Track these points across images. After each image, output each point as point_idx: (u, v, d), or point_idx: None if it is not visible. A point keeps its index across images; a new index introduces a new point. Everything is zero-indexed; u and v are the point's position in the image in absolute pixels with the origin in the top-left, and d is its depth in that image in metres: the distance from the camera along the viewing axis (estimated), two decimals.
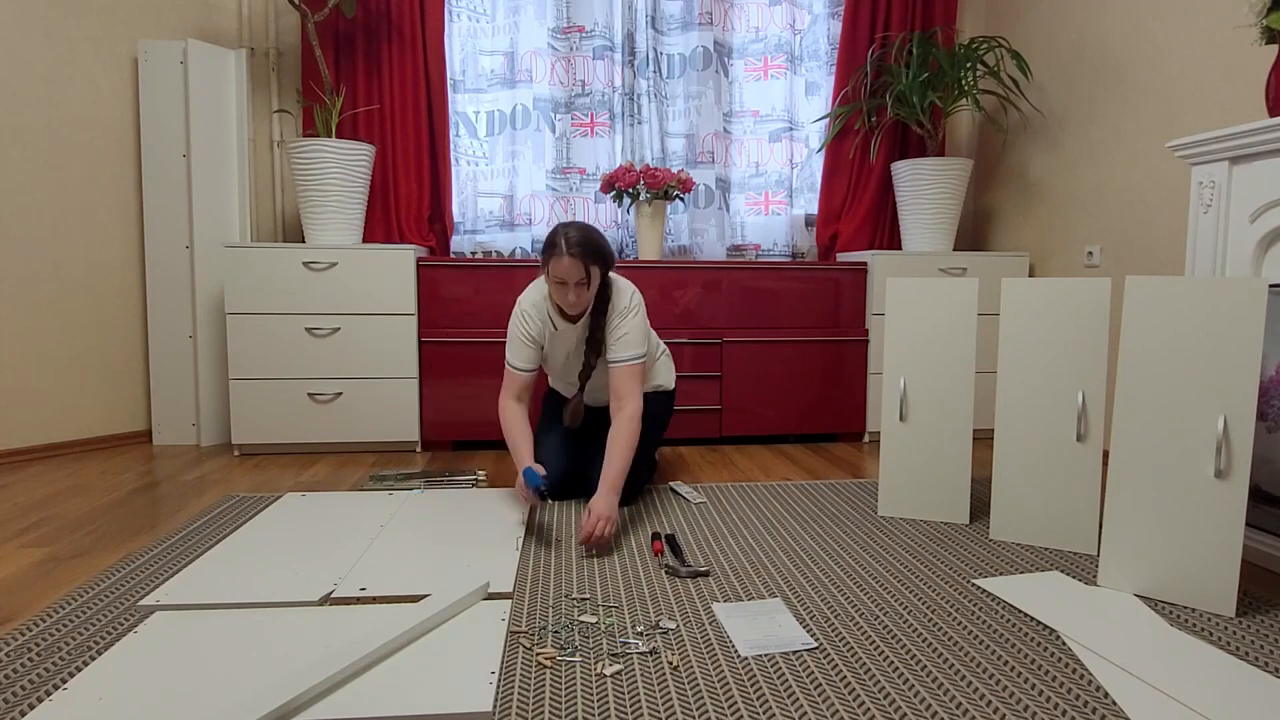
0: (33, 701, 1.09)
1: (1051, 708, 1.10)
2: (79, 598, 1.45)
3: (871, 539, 1.82)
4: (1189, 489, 1.43)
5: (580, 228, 1.87)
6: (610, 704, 1.10)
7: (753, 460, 2.66)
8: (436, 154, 3.04)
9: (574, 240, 1.83)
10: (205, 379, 2.84)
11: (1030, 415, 1.76)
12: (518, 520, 1.90)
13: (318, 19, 2.72)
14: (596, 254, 1.85)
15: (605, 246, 1.89)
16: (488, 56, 3.11)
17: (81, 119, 2.68)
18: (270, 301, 2.61)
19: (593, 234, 1.87)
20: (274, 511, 1.96)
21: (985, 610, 1.43)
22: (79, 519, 1.96)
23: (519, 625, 1.34)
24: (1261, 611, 1.43)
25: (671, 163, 3.22)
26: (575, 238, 1.83)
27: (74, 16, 2.65)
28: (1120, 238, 2.56)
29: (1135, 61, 2.49)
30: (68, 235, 2.67)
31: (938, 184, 2.94)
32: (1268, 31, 1.70)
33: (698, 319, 2.85)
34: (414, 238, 3.00)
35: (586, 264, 1.83)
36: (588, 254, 1.83)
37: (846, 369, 2.94)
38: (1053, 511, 1.76)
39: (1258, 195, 1.66)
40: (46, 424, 2.66)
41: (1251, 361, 1.37)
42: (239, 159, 2.91)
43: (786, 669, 1.20)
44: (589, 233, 1.86)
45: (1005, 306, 1.78)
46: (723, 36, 3.19)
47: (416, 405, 2.71)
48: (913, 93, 2.94)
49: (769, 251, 3.28)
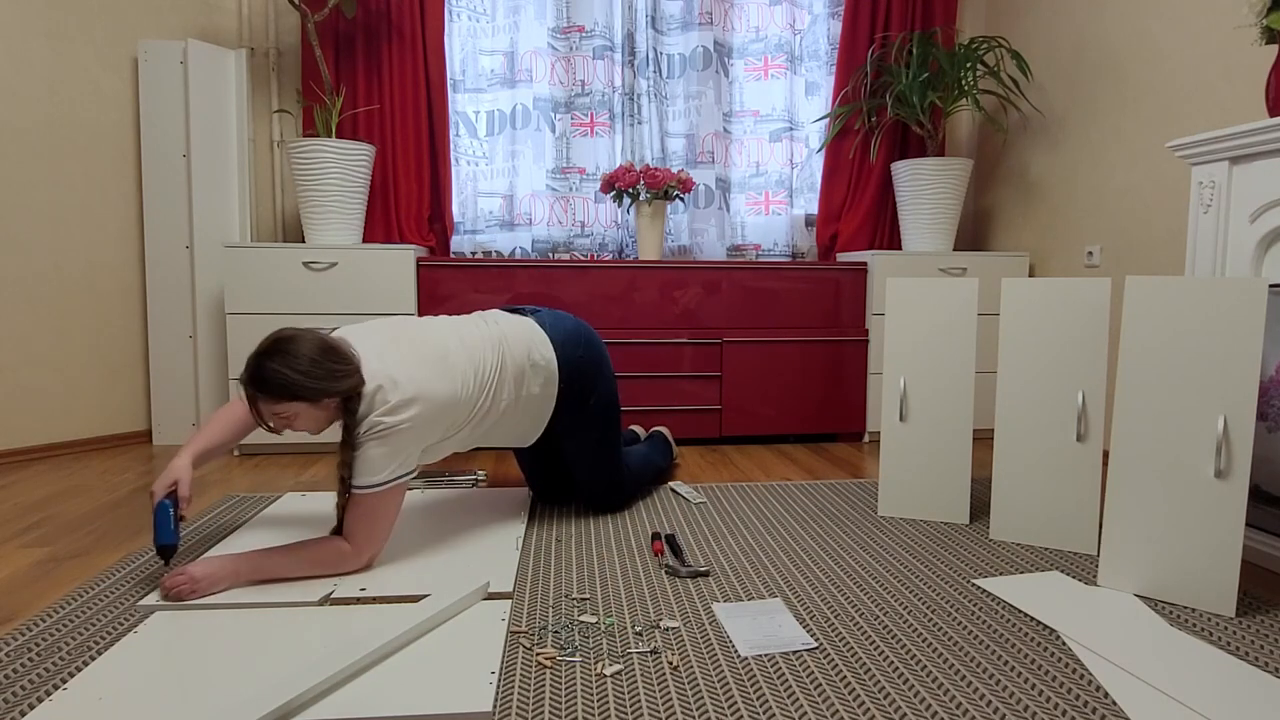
0: (33, 701, 1.09)
1: (1051, 708, 1.10)
2: (79, 598, 1.45)
3: (871, 539, 1.82)
4: (1189, 489, 1.43)
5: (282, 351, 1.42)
6: (610, 704, 1.10)
7: (753, 460, 2.66)
8: (436, 154, 3.04)
9: (265, 374, 1.41)
10: (205, 379, 2.84)
11: (1030, 415, 1.76)
12: (518, 520, 1.90)
13: (318, 19, 2.72)
14: (309, 389, 1.42)
15: (314, 379, 1.42)
16: (488, 56, 3.11)
17: (81, 119, 2.68)
18: (270, 301, 2.61)
19: (293, 365, 1.41)
20: (274, 511, 1.97)
21: (985, 610, 1.43)
22: (79, 519, 1.96)
23: (519, 625, 1.34)
24: (1261, 611, 1.43)
25: (671, 163, 3.22)
26: (268, 371, 1.41)
27: (74, 16, 2.65)
28: (1120, 238, 2.56)
29: (1135, 61, 2.49)
30: (68, 235, 2.67)
31: (938, 184, 2.94)
32: (1268, 31, 1.70)
33: (698, 319, 2.85)
34: (414, 238, 3.00)
35: (291, 404, 1.44)
36: (288, 392, 1.42)
37: (846, 369, 2.94)
38: (1053, 511, 1.76)
39: (1258, 195, 1.66)
40: (46, 424, 2.66)
41: (1251, 361, 1.37)
42: (239, 159, 2.91)
43: (786, 669, 1.20)
44: (289, 359, 1.41)
45: (1005, 306, 1.78)
46: (723, 36, 3.19)
47: None
48: (913, 93, 2.94)
49: (769, 251, 3.28)
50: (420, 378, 1.54)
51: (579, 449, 1.90)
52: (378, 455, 1.49)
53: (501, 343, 1.74)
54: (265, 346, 1.44)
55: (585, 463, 1.92)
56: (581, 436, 1.88)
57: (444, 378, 1.58)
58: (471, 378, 1.65)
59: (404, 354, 1.56)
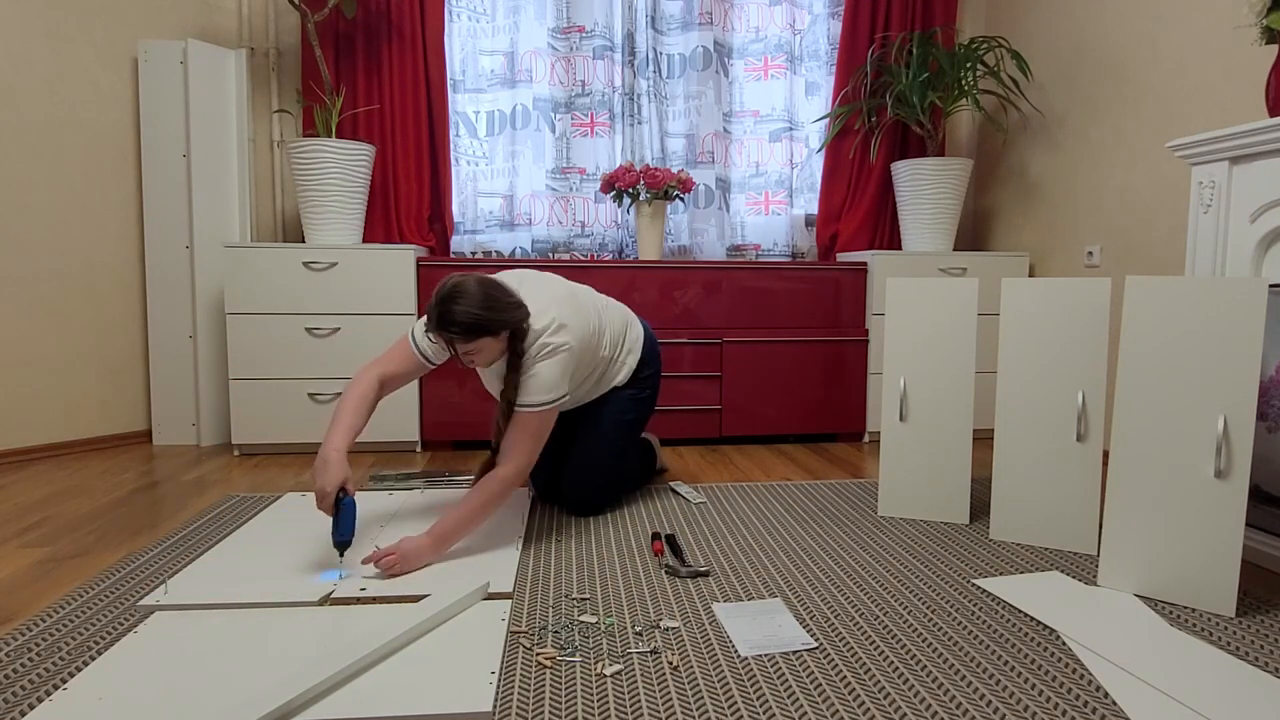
0: (33, 701, 1.09)
1: (1051, 708, 1.10)
2: (79, 598, 1.45)
3: (871, 539, 1.82)
4: (1189, 489, 1.43)
5: (456, 295, 1.57)
6: (610, 704, 1.10)
7: (753, 460, 2.66)
8: (436, 154, 3.04)
9: (448, 315, 1.57)
10: (205, 379, 2.84)
11: (1030, 415, 1.76)
12: (518, 520, 1.90)
13: (318, 19, 2.72)
14: (486, 323, 1.58)
15: (490, 312, 1.58)
16: (488, 56, 3.11)
17: (81, 119, 2.68)
18: (270, 301, 2.62)
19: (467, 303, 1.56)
20: (274, 511, 1.96)
21: (985, 610, 1.43)
22: (79, 519, 1.96)
23: (519, 625, 1.34)
24: (1261, 611, 1.43)
25: (671, 163, 3.22)
26: (450, 313, 1.57)
27: (74, 16, 2.65)
28: (1120, 238, 2.56)
29: (1135, 61, 2.49)
30: (68, 235, 2.67)
31: (938, 184, 2.94)
32: (1268, 31, 1.70)
33: (698, 319, 2.85)
34: (414, 238, 3.01)
35: (477, 339, 1.60)
36: (472, 329, 1.58)
37: (846, 369, 2.94)
38: (1053, 511, 1.76)
39: (1258, 195, 1.66)
40: (46, 424, 2.66)
41: (1251, 361, 1.37)
42: (239, 159, 2.91)
43: (786, 669, 1.20)
44: (462, 299, 1.57)
45: (1005, 306, 1.78)
46: (723, 36, 3.19)
47: (416, 405, 2.71)
48: (913, 93, 2.94)
49: (769, 251, 3.28)
50: (569, 312, 1.77)
51: (602, 434, 1.98)
52: (547, 375, 1.70)
53: (626, 316, 2.06)
54: (445, 294, 1.59)
55: (601, 449, 1.97)
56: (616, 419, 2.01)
57: (588, 318, 1.84)
58: (606, 333, 1.93)
59: (556, 293, 1.79)
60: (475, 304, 1.57)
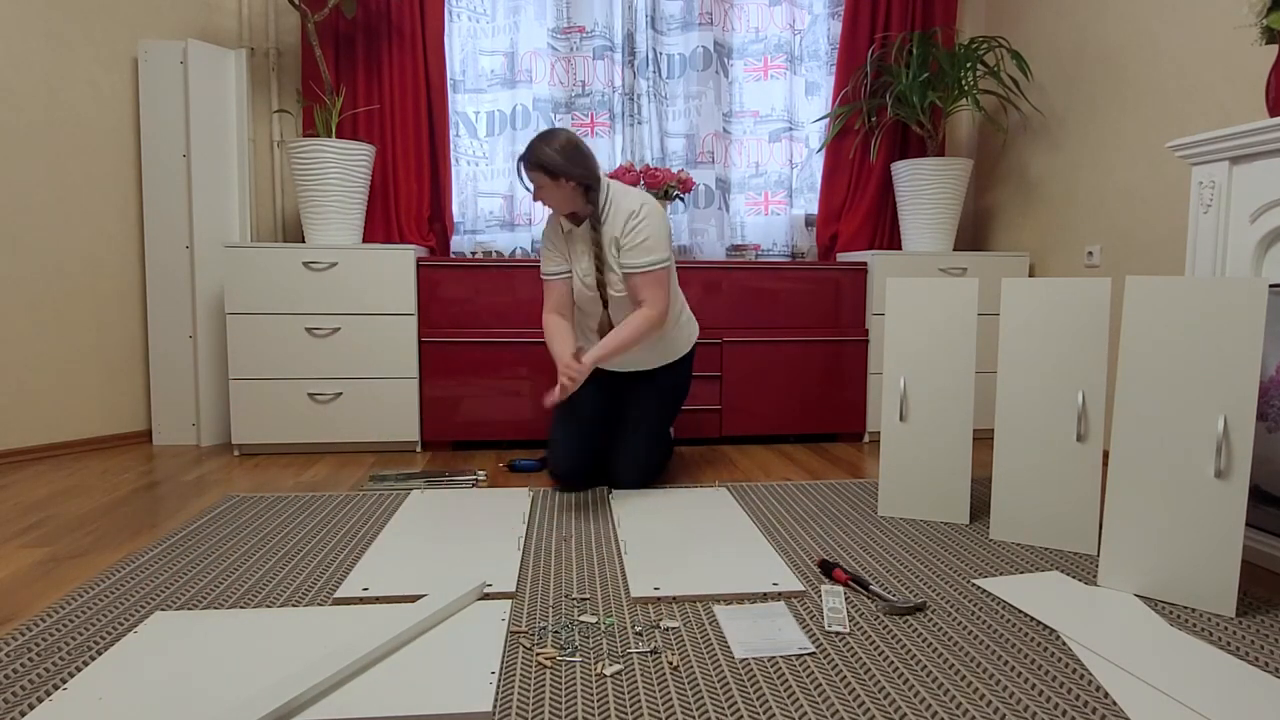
0: (33, 701, 1.09)
1: (1051, 708, 1.10)
2: (79, 598, 1.45)
3: (871, 539, 1.82)
4: (1189, 489, 1.43)
5: (545, 136, 1.92)
6: (610, 704, 1.10)
7: (753, 460, 2.66)
8: (436, 154, 3.04)
9: (530, 149, 1.91)
10: (205, 379, 2.84)
11: (1030, 415, 1.76)
12: (518, 520, 1.90)
13: (318, 19, 2.72)
14: (554, 166, 1.89)
15: (561, 158, 1.89)
16: (488, 57, 3.11)
17: (81, 119, 2.68)
18: (270, 301, 2.62)
19: (549, 145, 1.90)
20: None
21: (985, 610, 1.43)
22: (79, 519, 1.96)
23: (519, 625, 1.34)
24: (1261, 611, 1.43)
25: (671, 163, 3.22)
26: (532, 147, 1.91)
27: (74, 16, 2.65)
28: (1120, 238, 2.56)
29: (1135, 61, 2.49)
30: (68, 235, 2.67)
31: (938, 184, 2.94)
32: (1268, 31, 1.70)
33: (698, 319, 2.85)
34: (414, 238, 3.01)
35: (539, 174, 1.91)
36: (538, 165, 1.90)
37: (846, 369, 2.94)
38: (1053, 511, 1.76)
39: (1258, 195, 1.66)
40: (46, 424, 2.66)
41: (1251, 361, 1.37)
42: (239, 159, 2.91)
43: (786, 669, 1.20)
44: (548, 142, 1.90)
45: (1005, 306, 1.78)
46: (723, 37, 3.19)
47: (416, 405, 2.71)
48: (913, 93, 2.94)
49: (769, 251, 3.28)
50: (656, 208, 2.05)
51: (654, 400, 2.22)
52: (649, 234, 1.97)
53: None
54: (538, 135, 1.93)
55: (652, 415, 2.20)
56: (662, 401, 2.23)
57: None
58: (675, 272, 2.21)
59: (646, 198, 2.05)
60: (555, 148, 1.89)
